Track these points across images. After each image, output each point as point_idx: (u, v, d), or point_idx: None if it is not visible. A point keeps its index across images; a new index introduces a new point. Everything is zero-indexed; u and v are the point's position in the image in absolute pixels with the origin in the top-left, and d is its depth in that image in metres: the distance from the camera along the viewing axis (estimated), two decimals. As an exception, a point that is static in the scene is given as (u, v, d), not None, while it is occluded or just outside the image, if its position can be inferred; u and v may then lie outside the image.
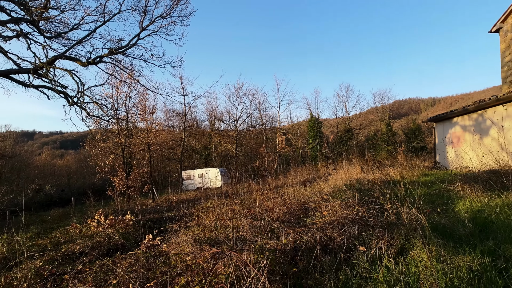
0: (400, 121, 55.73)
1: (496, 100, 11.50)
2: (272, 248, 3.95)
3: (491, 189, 6.34)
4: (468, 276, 3.07)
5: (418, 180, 9.26)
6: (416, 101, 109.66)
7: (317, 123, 31.14)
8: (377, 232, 3.96)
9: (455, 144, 14.52)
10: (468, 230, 4.20)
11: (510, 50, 17.52)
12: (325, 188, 7.91)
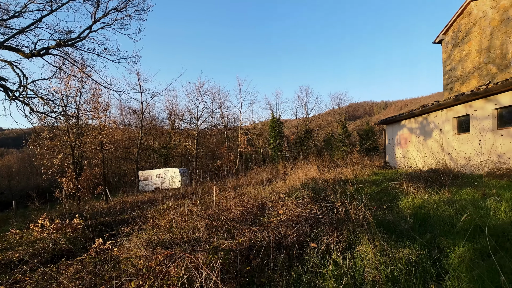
0: (355, 123, 58.89)
1: (437, 105, 12.63)
2: (227, 248, 3.96)
3: (431, 186, 6.96)
4: (406, 267, 3.35)
5: (369, 179, 9.86)
6: (370, 104, 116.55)
7: (278, 123, 31.75)
8: (328, 229, 4.16)
9: (403, 145, 15.70)
10: (409, 225, 4.58)
11: (451, 60, 19.35)
12: (283, 187, 8.11)
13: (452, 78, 19.01)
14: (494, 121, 10.06)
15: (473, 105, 10.86)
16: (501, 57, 15.57)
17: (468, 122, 11.20)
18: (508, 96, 9.42)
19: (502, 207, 4.83)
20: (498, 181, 7.43)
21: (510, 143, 9.32)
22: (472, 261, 3.34)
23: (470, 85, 17.37)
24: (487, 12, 16.34)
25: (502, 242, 3.77)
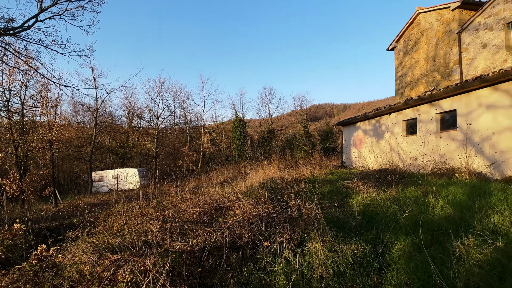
0: (316, 124, 60.94)
1: (389, 109, 13.49)
2: (179, 251, 3.88)
3: (380, 185, 7.42)
4: (352, 262, 3.53)
5: (325, 178, 10.26)
6: (330, 106, 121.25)
7: (242, 123, 31.79)
8: (281, 228, 4.26)
9: (358, 146, 16.54)
10: (357, 222, 4.84)
11: (402, 67, 20.74)
12: (242, 187, 8.15)
13: (403, 83, 20.41)
14: (437, 125, 10.98)
15: (420, 109, 11.76)
16: (444, 65, 17.02)
17: (415, 125, 12.11)
18: (449, 102, 10.33)
19: (439, 204, 5.29)
20: (438, 180, 8.13)
21: (449, 145, 10.23)
22: (410, 254, 3.61)
23: (418, 90, 18.79)
24: (433, 24, 17.78)
25: (437, 235, 4.13)
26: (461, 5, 15.74)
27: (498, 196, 5.50)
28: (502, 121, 8.50)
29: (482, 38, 14.48)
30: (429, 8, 17.71)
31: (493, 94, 8.76)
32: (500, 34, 13.62)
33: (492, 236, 3.73)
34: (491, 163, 8.71)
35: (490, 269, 3.04)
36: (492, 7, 14.00)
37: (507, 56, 13.31)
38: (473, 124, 9.35)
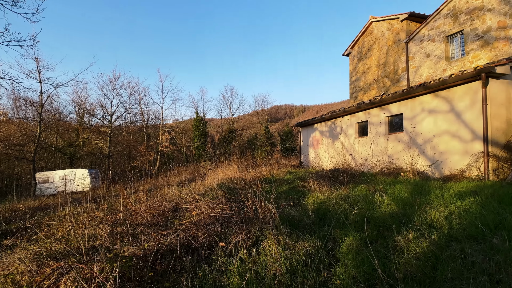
0: (277, 124, 62.06)
1: (343, 112, 14.18)
2: (130, 255, 3.71)
3: (333, 184, 7.78)
4: (304, 259, 3.65)
5: (284, 177, 10.50)
6: (290, 107, 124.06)
7: (203, 122, 31.34)
8: (237, 228, 4.28)
9: (315, 146, 17.16)
10: (311, 220, 5.02)
11: (356, 72, 21.90)
12: (201, 188, 8.04)
13: (357, 88, 21.59)
14: (386, 127, 11.79)
15: (371, 112, 12.52)
16: (393, 72, 18.30)
17: (367, 127, 12.87)
18: (397, 106, 11.14)
19: (386, 201, 5.69)
20: (386, 178, 8.74)
21: (396, 146, 11.04)
22: (357, 249, 3.83)
23: (370, 95, 20.00)
24: (384, 32, 19.02)
25: (382, 231, 4.43)
26: (409, 17, 17.06)
27: (436, 193, 6.06)
28: (441, 125, 9.37)
29: (426, 48, 15.84)
30: (381, 17, 18.95)
31: (434, 100, 9.62)
32: (441, 45, 15.01)
33: (429, 230, 4.10)
34: (431, 163, 9.56)
35: (425, 260, 3.34)
36: (434, 20, 15.37)
37: (447, 66, 14.71)
38: (417, 127, 10.18)
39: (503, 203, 4.97)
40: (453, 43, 14.68)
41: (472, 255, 3.27)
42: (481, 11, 13.03)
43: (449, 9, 14.47)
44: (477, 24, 13.21)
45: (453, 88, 8.98)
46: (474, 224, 4.07)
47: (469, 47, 13.52)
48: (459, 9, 13.98)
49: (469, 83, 8.50)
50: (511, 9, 11.85)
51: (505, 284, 2.74)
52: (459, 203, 5.10)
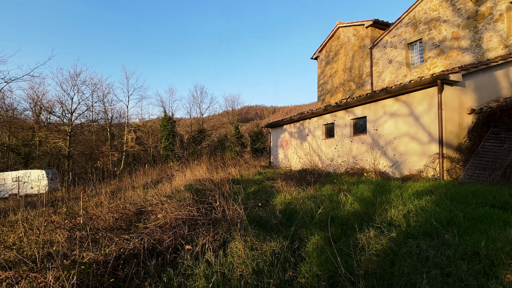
0: (247, 125, 62.26)
1: (311, 114, 14.54)
2: (89, 261, 3.52)
3: (300, 184, 7.94)
4: (271, 259, 3.69)
5: (253, 178, 10.54)
6: (261, 108, 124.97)
7: (171, 122, 30.56)
8: (204, 230, 4.22)
9: (284, 147, 17.42)
10: (278, 220, 5.08)
11: (323, 75, 22.51)
12: (167, 189, 7.83)
13: (324, 90, 22.22)
14: (351, 129, 12.25)
15: (337, 115, 12.95)
16: (358, 76, 19.06)
17: (333, 129, 13.29)
18: (361, 109, 11.62)
19: (349, 200, 5.90)
20: (350, 178, 9.08)
21: (360, 148, 11.52)
22: (322, 247, 3.94)
23: (337, 98, 20.68)
24: (350, 38, 19.76)
25: (346, 229, 4.59)
26: (373, 24, 17.88)
27: (396, 192, 6.40)
28: (401, 127, 9.92)
29: (389, 54, 16.69)
30: (347, 23, 19.67)
31: (395, 104, 10.15)
32: (402, 52, 15.90)
33: (388, 227, 4.31)
34: (392, 163, 10.08)
35: (385, 257, 3.50)
36: (396, 28, 16.24)
37: (407, 72, 15.61)
38: (379, 129, 10.69)
39: (454, 201, 5.36)
40: (413, 50, 15.61)
41: (426, 251, 3.49)
42: (437, 21, 13.99)
43: (410, 19, 15.38)
44: (434, 34, 14.16)
45: (412, 93, 9.55)
46: (429, 221, 4.34)
47: (427, 54, 14.46)
48: (419, 18, 14.90)
49: (426, 88, 9.09)
50: (463, 21, 12.84)
51: (454, 276, 2.95)
52: (416, 202, 5.42)
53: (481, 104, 9.41)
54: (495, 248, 3.24)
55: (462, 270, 2.99)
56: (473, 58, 12.41)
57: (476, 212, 4.64)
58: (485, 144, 8.56)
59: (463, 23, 12.84)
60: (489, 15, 11.87)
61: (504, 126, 8.55)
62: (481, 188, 6.28)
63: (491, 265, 3.06)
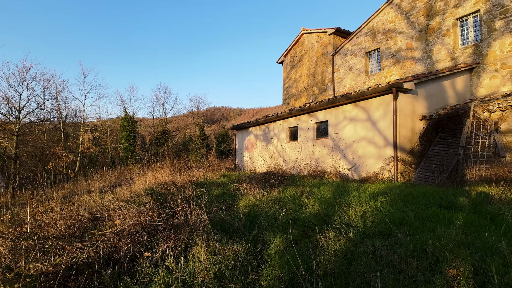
0: (213, 126, 61.67)
1: (276, 117, 14.76)
2: (37, 273, 3.25)
3: (265, 187, 8.01)
4: (233, 263, 3.67)
5: (217, 181, 10.44)
6: (227, 110, 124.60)
7: (132, 122, 29.27)
8: (165, 236, 4.09)
9: (250, 149, 17.49)
10: (242, 223, 5.07)
11: (288, 79, 22.98)
12: (126, 193, 7.48)
13: (289, 94, 22.70)
14: (314, 133, 12.63)
15: (301, 118, 13.29)
16: (321, 82, 19.72)
17: (297, 132, 13.62)
18: (323, 113, 12.04)
19: (311, 202, 6.07)
20: (313, 181, 9.34)
21: (322, 151, 11.92)
22: (284, 249, 4.00)
23: (301, 102, 21.23)
24: (314, 44, 20.40)
25: (307, 231, 4.71)
26: (335, 32, 18.63)
27: (354, 194, 6.70)
28: (360, 131, 10.42)
29: (349, 62, 17.49)
30: (311, 30, 20.31)
31: (355, 109, 10.66)
32: (362, 60, 16.74)
33: (346, 228, 4.50)
34: (351, 166, 10.55)
35: (342, 256, 3.65)
36: (356, 37, 17.07)
37: (366, 79, 16.46)
38: (340, 133, 11.15)
39: (406, 202, 5.74)
40: (371, 58, 16.52)
41: (380, 250, 3.69)
42: (393, 33, 14.95)
43: (369, 28, 16.26)
44: (390, 44, 15.10)
45: (370, 100, 10.08)
46: (383, 222, 4.60)
47: (384, 63, 15.38)
48: (377, 29, 15.81)
49: (383, 95, 9.65)
50: (416, 33, 13.85)
51: (405, 273, 3.15)
52: (372, 203, 5.72)
53: (431, 111, 10.20)
54: (440, 246, 3.52)
55: (411, 267, 3.20)
56: (425, 68, 13.43)
57: (426, 212, 5.00)
58: (434, 148, 9.29)
59: (416, 35, 13.85)
60: (438, 29, 12.94)
61: (450, 132, 9.34)
62: (430, 189, 6.80)
63: (437, 261, 3.31)
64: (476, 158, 8.28)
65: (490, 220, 4.59)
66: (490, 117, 8.69)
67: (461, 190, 6.69)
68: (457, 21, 12.41)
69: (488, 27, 11.26)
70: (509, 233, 3.96)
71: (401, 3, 14.61)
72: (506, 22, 10.75)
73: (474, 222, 4.43)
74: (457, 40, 12.44)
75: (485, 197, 5.77)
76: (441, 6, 12.84)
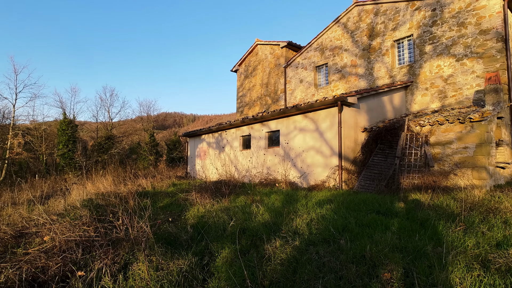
0: (165, 133, 59.47)
1: (229, 125, 14.73)
2: None
3: (215, 196, 7.88)
4: (177, 278, 3.50)
5: (166, 190, 10.02)
6: (180, 116, 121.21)
7: (72, 126, 26.90)
8: (102, 252, 3.76)
9: (202, 157, 17.16)
10: (189, 235, 4.90)
11: (242, 88, 23.18)
12: (60, 205, 6.78)
13: (243, 103, 22.90)
14: (266, 141, 12.85)
15: (254, 127, 13.43)
16: (274, 92, 20.25)
17: (250, 141, 13.72)
18: (275, 123, 12.32)
19: (261, 211, 6.11)
20: (264, 189, 9.45)
21: (273, 159, 12.15)
22: (231, 261, 3.94)
23: (254, 110, 21.53)
24: (267, 56, 20.92)
25: (255, 240, 4.71)
26: (287, 45, 19.36)
27: (302, 202, 6.91)
28: (308, 141, 10.85)
29: (300, 74, 18.25)
30: (265, 42, 20.84)
31: (304, 120, 11.09)
32: (311, 74, 17.58)
33: (293, 236, 4.59)
34: (301, 174, 10.91)
35: (288, 265, 3.70)
36: (307, 52, 17.91)
37: (315, 92, 17.29)
38: (290, 142, 11.49)
39: (349, 209, 6.07)
40: (320, 73, 17.44)
41: (324, 257, 3.82)
42: (340, 49, 15.99)
43: (318, 44, 17.19)
44: (337, 60, 16.12)
45: (318, 111, 10.59)
46: (327, 229, 4.79)
47: (331, 78, 16.33)
48: (325, 45, 16.78)
49: (329, 108, 10.20)
50: (360, 52, 14.99)
51: (345, 279, 3.30)
52: (318, 210, 5.94)
53: (372, 124, 11.05)
54: (377, 251, 3.76)
55: (351, 273, 3.36)
56: (367, 84, 14.55)
57: (366, 218, 5.33)
58: (374, 158, 10.03)
59: (360, 53, 14.98)
60: (379, 49, 14.16)
61: (388, 143, 10.19)
62: (370, 196, 7.30)
63: (374, 266, 3.53)
64: (410, 168, 9.13)
65: (420, 224, 5.06)
66: (421, 131, 9.68)
67: (397, 197, 7.29)
68: (394, 42, 13.73)
69: (420, 50, 12.64)
70: (435, 237, 4.39)
71: (347, 23, 15.74)
72: (434, 47, 12.18)
73: (407, 227, 4.83)
74: (395, 60, 13.74)
75: (416, 203, 6.36)
76: (381, 28, 14.11)
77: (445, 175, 8.64)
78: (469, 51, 11.17)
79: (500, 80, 9.41)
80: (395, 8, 13.63)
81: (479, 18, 10.98)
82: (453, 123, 8.88)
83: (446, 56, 11.80)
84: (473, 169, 8.37)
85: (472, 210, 5.62)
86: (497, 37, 10.51)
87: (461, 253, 3.71)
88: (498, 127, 9.71)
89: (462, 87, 11.38)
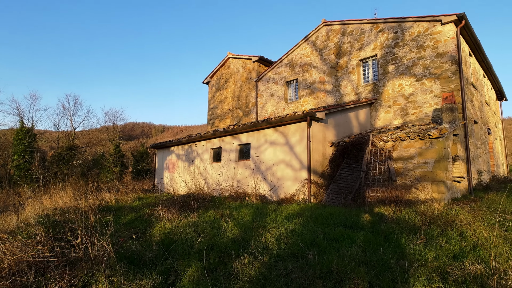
0: (131, 143, 57.28)
1: (200, 137, 14.55)
2: None
3: (183, 211, 7.66)
4: (140, 300, 3.32)
5: (131, 204, 9.59)
6: (148, 126, 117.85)
7: (30, 135, 25.10)
8: (58, 274, 3.49)
9: (171, 170, 16.70)
10: (154, 253, 4.70)
11: (214, 100, 23.12)
12: (12, 223, 6.22)
13: (214, 115, 22.81)
14: (237, 154, 12.81)
15: (224, 140, 13.37)
16: (245, 105, 20.40)
17: (220, 153, 13.61)
18: (246, 136, 12.36)
19: (230, 226, 6.02)
20: (234, 203, 9.35)
21: (244, 172, 12.13)
22: (198, 279, 3.82)
23: (226, 123, 21.50)
24: (239, 69, 21.15)
25: (224, 257, 4.62)
26: (259, 60, 19.73)
27: (271, 216, 6.92)
28: (279, 155, 10.99)
29: (271, 89, 18.60)
30: (237, 55, 21.08)
31: (275, 133, 11.24)
32: (282, 88, 17.98)
33: (262, 252, 4.57)
34: (271, 187, 10.96)
35: (256, 282, 3.66)
36: (278, 67, 18.35)
37: (285, 106, 17.66)
38: (261, 156, 11.56)
39: (317, 223, 6.17)
40: (290, 88, 17.90)
41: (292, 272, 3.83)
42: (309, 66, 16.57)
43: (289, 60, 17.70)
44: (306, 76, 16.66)
45: (288, 125, 10.80)
46: (296, 243, 4.82)
47: (301, 93, 16.81)
48: (295, 61, 17.32)
49: (299, 122, 10.45)
50: (328, 69, 15.62)
51: (313, 295, 3.32)
52: (287, 225, 5.98)
53: (339, 139, 11.44)
54: (343, 265, 3.84)
55: (318, 288, 3.40)
56: (335, 100, 15.14)
57: (333, 232, 5.44)
58: (341, 172, 10.35)
59: (328, 70, 15.62)
60: (346, 67, 14.86)
61: (354, 158, 10.58)
62: (337, 210, 7.47)
63: (340, 281, 3.59)
64: (374, 182, 9.52)
65: (384, 238, 5.25)
66: (385, 146, 10.18)
67: (362, 210, 7.54)
68: (360, 62, 14.50)
69: (383, 70, 13.44)
70: (398, 250, 4.57)
71: (315, 41, 16.41)
72: (396, 67, 13.02)
73: (372, 240, 4.99)
74: (360, 78, 14.47)
75: (381, 217, 6.61)
76: (348, 47, 14.87)
77: (407, 188, 9.10)
78: (428, 72, 12.08)
79: (455, 100, 10.24)
80: (361, 29, 14.46)
81: (436, 42, 11.96)
82: (414, 139, 9.45)
83: (407, 76, 12.65)
84: (432, 183, 8.90)
85: (431, 223, 5.94)
86: (452, 60, 11.48)
87: (422, 266, 3.89)
88: (454, 144, 10.48)
89: (422, 105, 12.21)
